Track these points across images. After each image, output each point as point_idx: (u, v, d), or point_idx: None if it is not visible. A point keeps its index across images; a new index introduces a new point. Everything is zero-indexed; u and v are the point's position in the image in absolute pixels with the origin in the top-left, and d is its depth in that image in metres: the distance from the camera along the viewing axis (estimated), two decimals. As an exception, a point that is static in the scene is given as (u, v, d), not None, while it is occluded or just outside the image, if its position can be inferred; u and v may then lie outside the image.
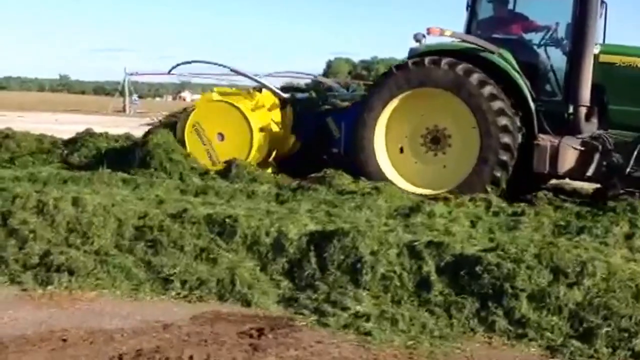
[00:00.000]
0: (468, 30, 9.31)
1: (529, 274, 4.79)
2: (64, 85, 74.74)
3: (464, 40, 8.80)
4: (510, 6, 9.49)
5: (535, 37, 9.39)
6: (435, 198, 7.39)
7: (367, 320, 4.60)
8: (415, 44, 8.79)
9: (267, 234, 5.68)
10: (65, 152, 10.15)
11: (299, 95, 10.40)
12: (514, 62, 8.69)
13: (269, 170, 9.32)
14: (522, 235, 6.08)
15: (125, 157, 9.19)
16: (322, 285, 5.12)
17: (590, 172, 8.25)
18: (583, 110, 8.43)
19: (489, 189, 8.12)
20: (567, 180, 9.16)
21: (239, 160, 8.91)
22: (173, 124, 9.76)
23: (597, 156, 8.22)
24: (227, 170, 8.73)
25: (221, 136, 9.28)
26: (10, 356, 3.97)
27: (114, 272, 5.39)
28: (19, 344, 4.13)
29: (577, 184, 9.54)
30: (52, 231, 5.94)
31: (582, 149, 8.29)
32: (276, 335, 4.42)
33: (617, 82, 8.56)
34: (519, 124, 8.41)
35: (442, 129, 8.72)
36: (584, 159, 8.27)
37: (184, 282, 5.25)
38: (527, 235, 6.10)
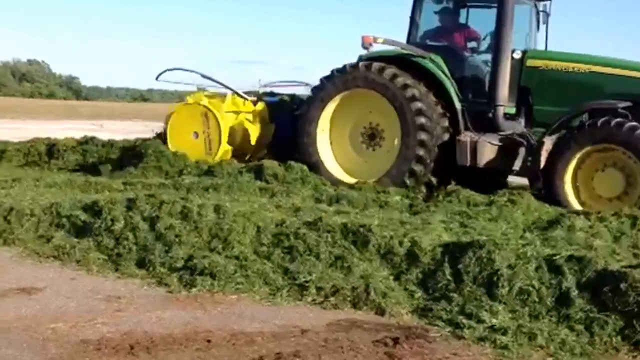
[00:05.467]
0: (409, 37, 10.16)
1: (678, 292, 4.53)
2: (202, 96, 78.04)
3: (402, 48, 9.79)
4: (463, 17, 10.47)
5: (474, 45, 10.32)
6: (576, 212, 7.18)
7: (504, 334, 4.50)
8: (364, 51, 9.66)
9: (401, 243, 5.69)
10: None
11: (268, 99, 11.40)
12: (444, 66, 9.59)
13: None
14: (671, 252, 5.76)
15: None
16: (457, 297, 5.06)
17: (516, 167, 9.21)
18: (501, 110, 9.25)
19: (407, 181, 9.11)
20: None
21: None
22: None
23: (521, 152, 9.07)
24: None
25: (196, 134, 10.49)
26: (159, 354, 4.18)
27: (253, 277, 5.56)
28: (167, 343, 4.34)
29: None
30: (196, 236, 6.20)
31: (500, 144, 9.20)
32: (411, 345, 4.41)
33: (541, 85, 9.36)
34: (446, 123, 9.34)
35: (377, 126, 9.77)
36: (503, 154, 9.20)
37: (319, 289, 5.33)
38: (677, 252, 5.76)
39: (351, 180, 9.55)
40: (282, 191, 8.13)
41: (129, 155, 10.70)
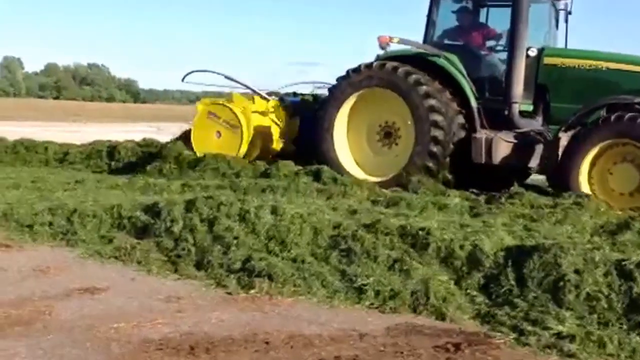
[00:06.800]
0: (426, 37, 10.26)
1: None
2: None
3: (417, 47, 9.94)
4: (483, 16, 10.62)
5: (493, 44, 10.43)
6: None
7: (572, 341, 4.33)
8: (381, 51, 9.95)
9: (462, 247, 5.56)
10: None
11: (291, 99, 11.71)
12: (459, 65, 9.67)
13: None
14: None
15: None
16: (521, 302, 4.90)
17: (533, 164, 9.26)
18: (517, 107, 9.31)
19: (423, 178, 9.12)
20: None
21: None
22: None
23: (538, 149, 9.06)
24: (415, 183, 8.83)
25: (219, 134, 10.84)
26: (219, 355, 4.18)
27: (310, 280, 5.50)
28: (226, 344, 4.34)
29: None
30: (253, 238, 6.19)
31: (516, 142, 9.25)
32: (473, 352, 4.30)
33: (558, 82, 9.40)
34: (462, 120, 9.43)
35: (392, 124, 9.90)
36: (519, 152, 9.23)
37: (377, 292, 5.24)
38: None
39: (368, 177, 9.68)
40: (339, 193, 8.08)
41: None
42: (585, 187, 8.36)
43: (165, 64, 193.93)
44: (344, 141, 10.13)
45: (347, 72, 10.03)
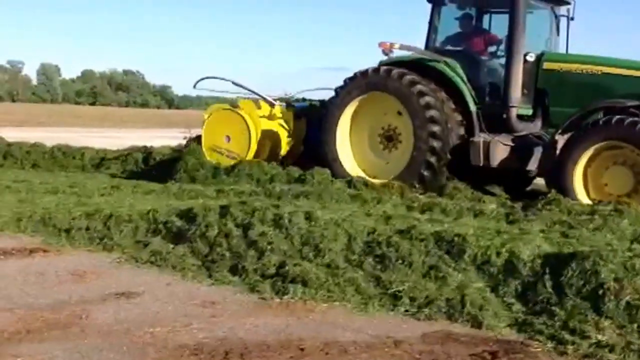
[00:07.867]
0: (427, 42, 10.43)
1: None
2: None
3: (418, 53, 10.12)
4: (486, 22, 10.84)
5: (494, 49, 10.55)
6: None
7: (611, 351, 4.24)
8: (384, 57, 10.07)
9: (498, 254, 5.47)
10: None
11: (298, 104, 11.87)
12: (460, 70, 9.85)
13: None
14: None
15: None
16: (559, 311, 4.81)
17: (530, 167, 9.38)
18: (514, 111, 9.52)
19: (416, 186, 9.30)
20: None
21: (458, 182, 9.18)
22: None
23: (537, 152, 9.21)
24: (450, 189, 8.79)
25: (228, 138, 11.04)
26: (254, 360, 4.19)
27: (345, 286, 5.47)
28: (261, 350, 4.33)
29: None
30: (287, 243, 6.19)
31: (513, 145, 9.43)
32: (511, 360, 4.25)
33: (557, 86, 9.54)
34: (462, 131, 9.58)
35: (394, 128, 10.09)
36: (517, 155, 9.39)
37: (412, 299, 5.20)
38: None
39: (368, 179, 9.77)
40: (373, 199, 8.05)
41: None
42: (580, 190, 8.43)
43: (198, 71, 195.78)
44: (346, 143, 10.32)
45: (355, 74, 10.21)
